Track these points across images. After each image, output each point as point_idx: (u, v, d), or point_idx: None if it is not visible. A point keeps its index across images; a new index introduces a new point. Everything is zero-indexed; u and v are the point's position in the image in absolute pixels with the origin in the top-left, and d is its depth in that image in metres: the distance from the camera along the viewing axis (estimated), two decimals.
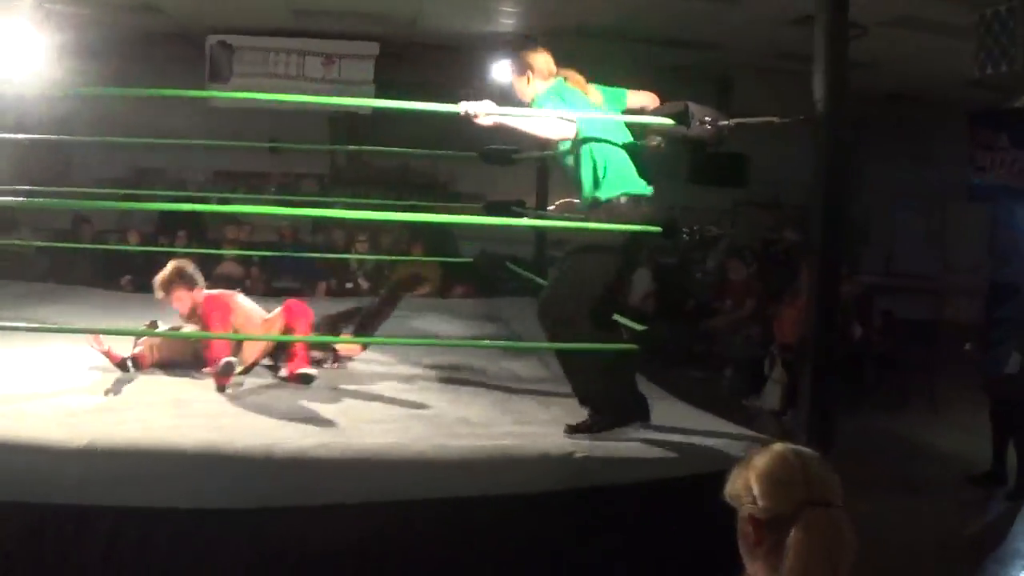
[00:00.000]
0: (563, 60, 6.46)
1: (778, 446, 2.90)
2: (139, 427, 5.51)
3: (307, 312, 7.54)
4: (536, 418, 6.29)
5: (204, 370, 7.11)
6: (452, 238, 15.30)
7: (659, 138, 6.16)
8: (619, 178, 6.06)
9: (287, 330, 7.34)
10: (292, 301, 7.68)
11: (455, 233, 15.39)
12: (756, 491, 2.79)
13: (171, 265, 7.76)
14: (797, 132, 5.82)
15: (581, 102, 6.19)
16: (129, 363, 7.27)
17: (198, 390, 6.73)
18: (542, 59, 6.42)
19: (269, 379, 7.26)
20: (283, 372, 7.32)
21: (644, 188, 6.14)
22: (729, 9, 11.64)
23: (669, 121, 5.95)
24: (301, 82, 14.88)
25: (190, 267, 7.77)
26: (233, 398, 6.57)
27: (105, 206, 14.23)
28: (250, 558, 4.98)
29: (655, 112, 6.11)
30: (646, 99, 6.55)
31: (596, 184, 6.04)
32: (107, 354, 7.23)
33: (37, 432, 5.22)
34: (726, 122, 5.94)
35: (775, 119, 5.93)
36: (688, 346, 11.30)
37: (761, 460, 2.83)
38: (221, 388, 6.73)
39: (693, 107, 5.87)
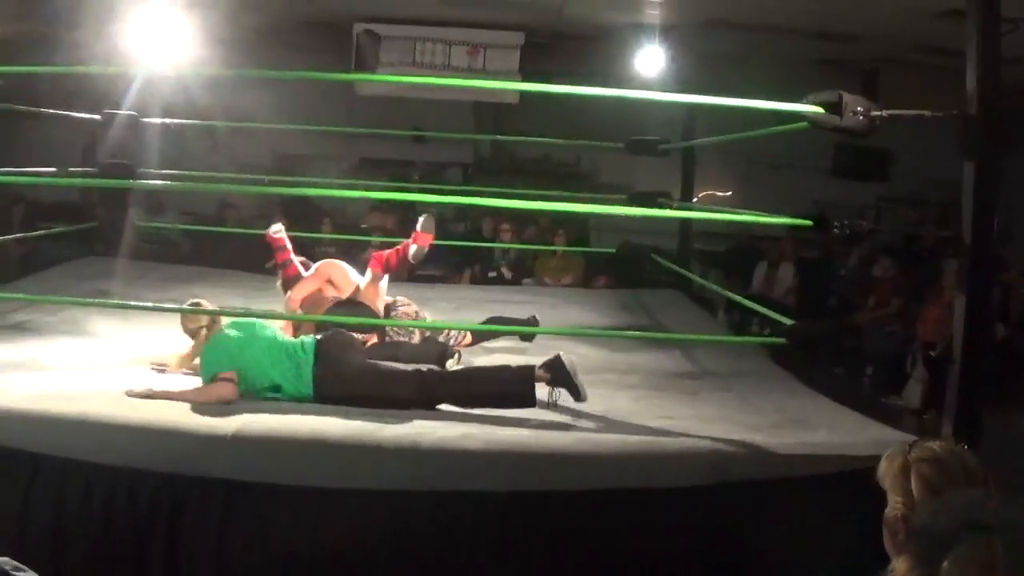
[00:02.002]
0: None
1: (947, 451, 2.85)
2: (280, 415, 5.63)
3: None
4: (681, 412, 6.26)
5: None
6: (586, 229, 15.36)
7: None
8: None
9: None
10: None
11: (598, 224, 15.40)
12: (916, 495, 2.76)
13: None
14: (940, 127, 5.73)
15: None
16: None
17: None
18: None
19: None
20: None
21: None
22: (875, 1, 11.47)
23: (820, 109, 5.87)
24: (447, 72, 14.92)
25: None
26: None
27: (252, 191, 14.50)
28: (393, 541, 5.05)
29: (807, 100, 6.02)
30: None
31: None
32: None
33: (188, 418, 5.36)
34: (879, 113, 5.85)
35: (927, 112, 5.84)
36: (839, 343, 11.16)
37: (927, 467, 2.79)
38: None
39: (847, 97, 5.79)
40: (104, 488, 5.05)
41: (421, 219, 7.59)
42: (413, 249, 7.53)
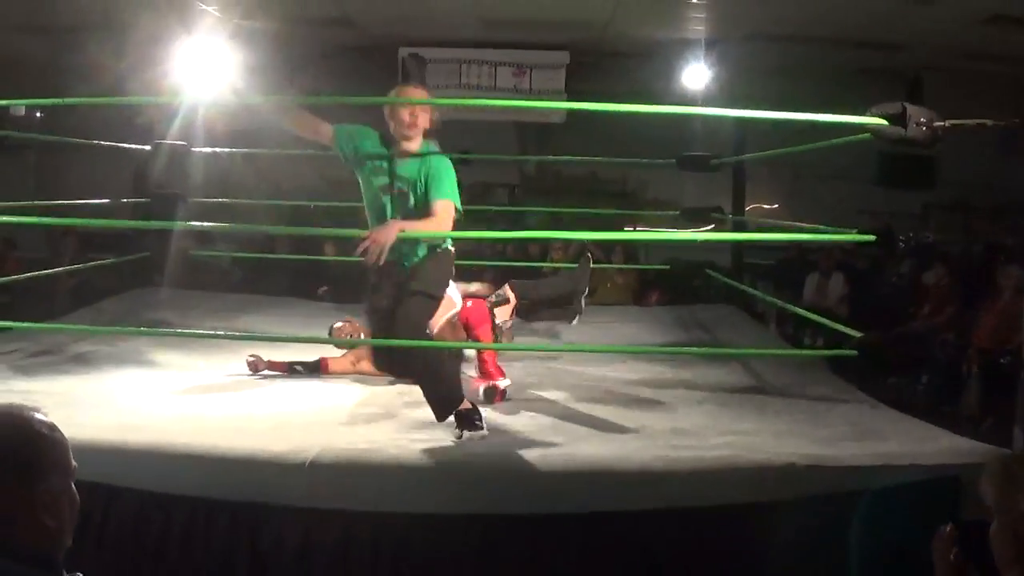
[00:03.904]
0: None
1: None
2: (357, 441, 5.63)
3: (485, 315, 7.42)
4: (751, 427, 6.22)
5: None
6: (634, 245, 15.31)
7: None
8: None
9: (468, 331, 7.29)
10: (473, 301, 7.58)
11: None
12: None
13: None
14: (984, 133, 5.69)
15: None
16: (299, 367, 7.57)
17: (402, 399, 6.85)
18: None
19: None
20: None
21: None
22: (918, 9, 11.41)
23: (884, 121, 5.83)
24: (493, 93, 14.93)
25: None
26: None
27: (298, 231, 14.52)
28: (476, 563, 5.04)
29: (871, 112, 5.98)
30: None
31: None
32: (272, 365, 7.48)
33: (265, 446, 5.36)
34: (941, 123, 5.82)
35: (988, 122, 5.81)
36: (908, 353, 11.11)
37: None
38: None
39: (910, 108, 5.77)
40: (182, 519, 5.04)
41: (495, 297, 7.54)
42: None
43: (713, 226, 11.69)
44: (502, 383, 7.00)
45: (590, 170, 16.96)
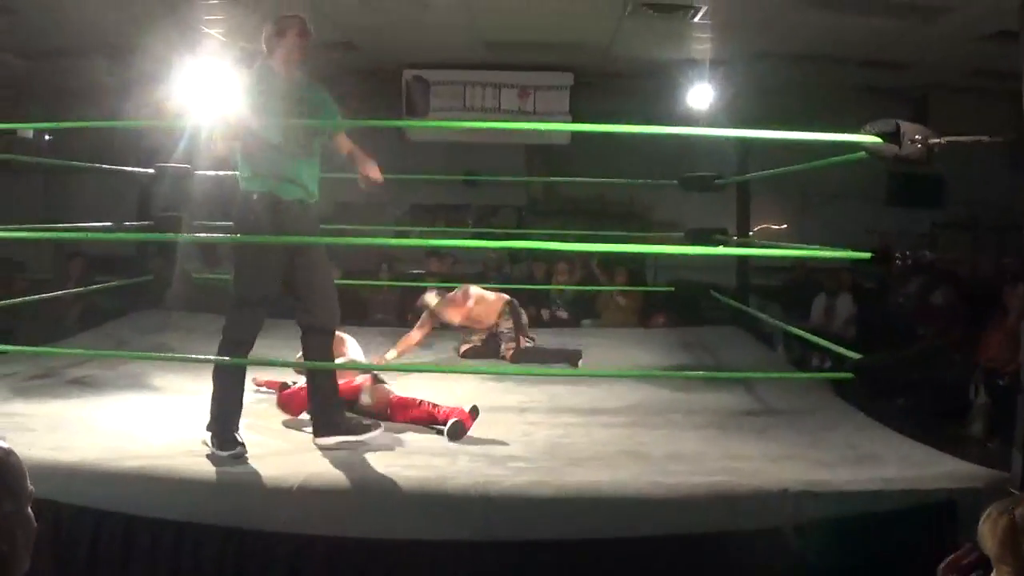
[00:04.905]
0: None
1: None
2: (345, 467, 5.60)
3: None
4: (749, 452, 6.17)
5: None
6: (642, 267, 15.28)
7: None
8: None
9: None
10: None
11: (656, 262, 15.35)
12: None
13: None
14: (991, 151, 5.64)
15: None
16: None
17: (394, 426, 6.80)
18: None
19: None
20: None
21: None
22: (922, 26, 11.37)
23: (878, 139, 5.78)
24: (497, 115, 14.92)
25: None
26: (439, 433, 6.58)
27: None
28: None
29: (865, 130, 5.93)
30: None
31: None
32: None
33: (253, 472, 5.33)
34: (937, 140, 5.76)
35: (985, 138, 5.75)
36: (907, 375, 11.04)
37: None
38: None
39: (904, 125, 5.71)
40: (169, 544, 5.02)
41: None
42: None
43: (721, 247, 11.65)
44: None
45: (597, 191, 16.89)
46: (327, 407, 6.25)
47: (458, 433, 6.48)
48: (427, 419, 6.78)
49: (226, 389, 6.03)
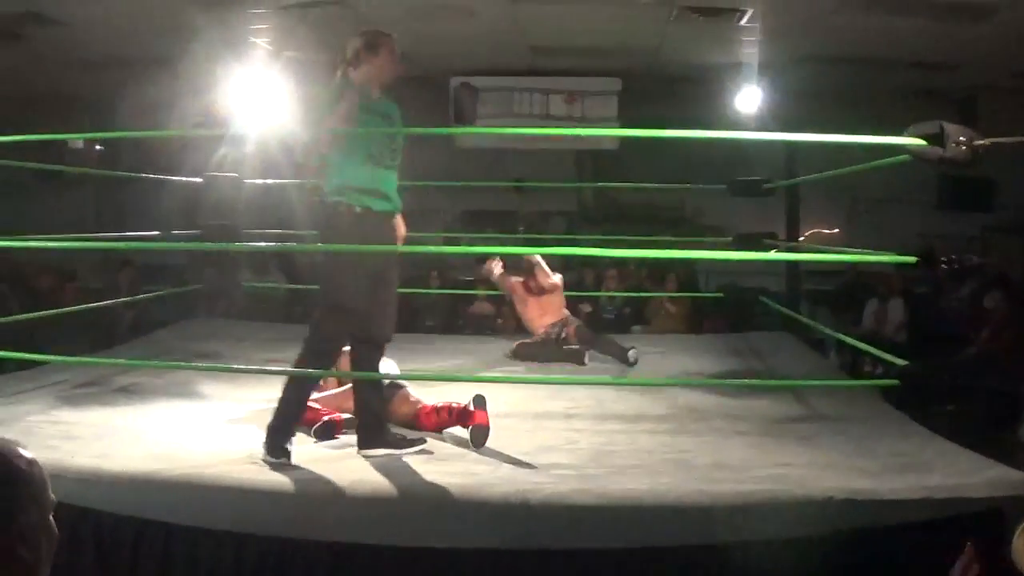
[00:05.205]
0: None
1: None
2: (387, 474, 5.57)
3: None
4: (793, 459, 6.09)
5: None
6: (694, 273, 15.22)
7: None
8: None
9: None
10: None
11: (705, 267, 15.29)
12: None
13: None
14: None
15: None
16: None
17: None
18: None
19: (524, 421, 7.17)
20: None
21: None
22: (970, 27, 11.28)
23: (922, 141, 5.71)
24: (545, 121, 14.90)
25: None
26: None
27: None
28: None
29: (908, 132, 5.86)
30: None
31: None
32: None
33: (295, 479, 5.32)
34: (981, 142, 5.68)
35: None
36: (952, 382, 10.95)
37: None
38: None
39: (948, 127, 5.64)
40: (209, 553, 5.01)
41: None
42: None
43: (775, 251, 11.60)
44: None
45: (647, 197, 16.86)
46: (373, 420, 6.23)
47: (482, 439, 6.39)
48: (454, 421, 6.75)
49: (296, 399, 6.04)
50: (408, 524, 5.04)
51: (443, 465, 5.82)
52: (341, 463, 5.80)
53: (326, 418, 6.53)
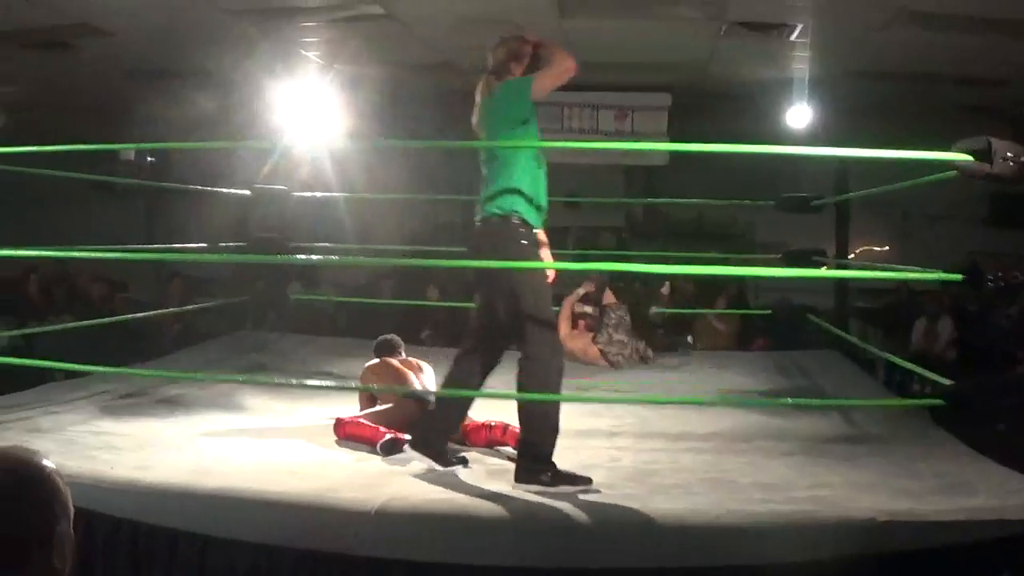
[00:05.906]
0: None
1: None
2: (425, 490, 5.56)
3: None
4: (836, 479, 6.02)
5: None
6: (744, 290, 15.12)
7: None
8: None
9: None
10: None
11: (757, 285, 15.19)
12: None
13: None
14: None
15: None
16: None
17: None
18: None
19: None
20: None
21: None
22: (1020, 42, 11.18)
23: (969, 157, 5.65)
24: (595, 136, 14.86)
25: None
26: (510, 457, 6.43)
27: (407, 263, 14.56)
28: None
29: (955, 148, 5.80)
30: None
31: None
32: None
33: (332, 493, 5.31)
34: None
35: None
36: (998, 402, 10.82)
37: None
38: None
39: (995, 143, 5.58)
40: (245, 565, 5.01)
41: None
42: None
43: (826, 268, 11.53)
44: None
45: (697, 212, 16.83)
46: (434, 427, 6.23)
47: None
48: (496, 440, 6.72)
49: (543, 412, 5.92)
50: (447, 541, 5.02)
51: (483, 481, 5.81)
52: (380, 477, 5.80)
53: (389, 436, 6.45)
